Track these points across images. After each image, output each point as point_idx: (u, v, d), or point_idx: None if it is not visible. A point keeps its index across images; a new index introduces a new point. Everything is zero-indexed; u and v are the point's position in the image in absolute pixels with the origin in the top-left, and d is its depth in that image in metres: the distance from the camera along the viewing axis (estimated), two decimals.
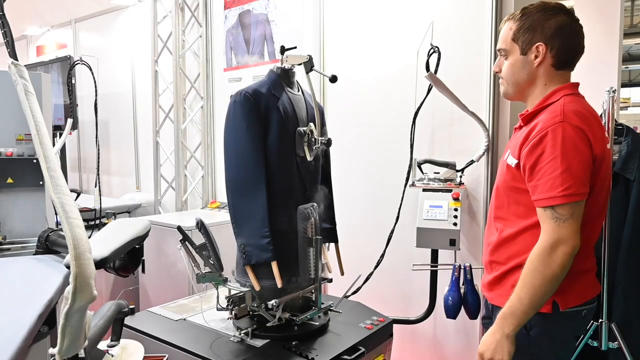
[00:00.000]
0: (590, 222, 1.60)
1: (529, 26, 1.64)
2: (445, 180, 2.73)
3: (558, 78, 1.66)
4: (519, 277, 1.56)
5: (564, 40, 1.62)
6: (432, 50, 2.54)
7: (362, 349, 2.05)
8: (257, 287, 1.96)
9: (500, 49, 1.74)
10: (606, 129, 2.00)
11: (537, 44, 1.63)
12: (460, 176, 2.73)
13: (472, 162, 2.69)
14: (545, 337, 1.63)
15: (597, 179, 1.57)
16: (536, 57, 1.64)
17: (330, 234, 2.37)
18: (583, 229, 1.54)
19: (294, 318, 2.05)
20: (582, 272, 1.63)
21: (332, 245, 2.39)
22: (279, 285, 1.90)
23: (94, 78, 3.73)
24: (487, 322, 1.80)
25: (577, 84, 1.69)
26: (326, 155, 2.34)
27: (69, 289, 1.00)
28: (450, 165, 2.73)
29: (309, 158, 2.08)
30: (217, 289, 2.14)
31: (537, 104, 1.67)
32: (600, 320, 2.02)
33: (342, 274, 2.32)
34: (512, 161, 1.64)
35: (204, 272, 2.08)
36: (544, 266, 1.49)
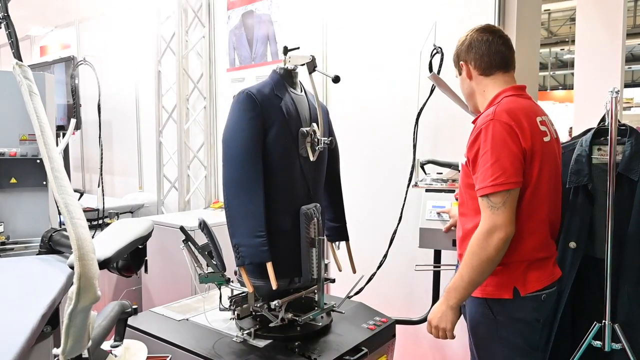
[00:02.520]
0: (536, 211, 1.77)
1: (455, 53, 1.98)
2: (448, 181, 2.73)
3: (492, 82, 1.90)
4: None
5: (476, 52, 1.89)
6: (435, 51, 2.54)
7: (365, 350, 2.05)
8: (250, 289, 1.96)
9: (455, 76, 2.04)
10: (609, 129, 2.00)
11: (460, 63, 1.95)
12: None
13: None
14: (510, 321, 1.80)
15: (531, 170, 1.73)
16: (465, 73, 1.94)
17: (340, 232, 2.37)
18: (529, 218, 1.75)
19: (297, 318, 2.05)
20: (539, 260, 1.81)
21: (343, 243, 2.39)
22: (274, 286, 1.89)
23: (97, 78, 3.73)
24: (477, 317, 1.91)
25: (521, 87, 1.92)
26: (335, 155, 2.34)
27: (73, 289, 1.01)
28: (453, 166, 2.72)
29: (311, 158, 2.07)
30: (219, 289, 2.14)
31: (484, 109, 1.88)
32: (603, 321, 2.02)
33: (354, 271, 2.33)
34: (463, 159, 1.85)
35: (206, 272, 2.08)
36: (481, 249, 1.68)
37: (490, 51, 1.89)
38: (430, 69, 2.51)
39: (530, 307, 1.80)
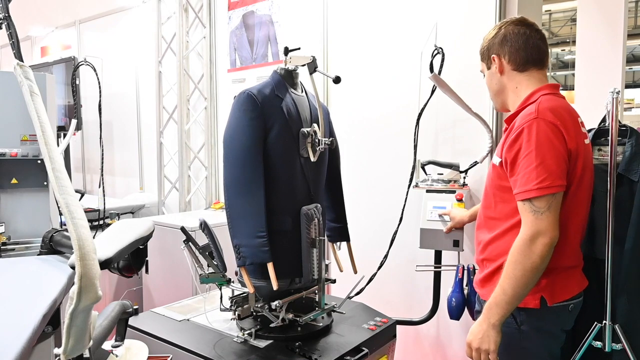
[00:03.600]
0: (572, 217, 1.69)
1: (486, 46, 1.88)
2: (449, 181, 2.73)
3: (526, 79, 1.81)
4: None
5: (511, 46, 1.80)
6: (436, 52, 2.54)
7: (366, 350, 2.05)
8: (251, 290, 1.96)
9: (480, 71, 1.97)
10: (610, 130, 2.00)
11: (492, 57, 1.85)
12: (464, 177, 2.73)
13: (475, 163, 2.69)
14: (535, 332, 1.72)
15: (575, 173, 1.65)
16: (497, 67, 1.84)
17: (341, 233, 2.38)
18: (565, 225, 1.63)
19: (298, 319, 2.05)
20: (567, 268, 1.73)
21: (344, 244, 2.39)
22: (275, 287, 1.89)
23: (98, 79, 3.74)
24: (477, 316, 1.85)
25: (556, 85, 1.80)
26: (336, 155, 2.34)
27: (74, 289, 1.01)
28: (453, 167, 2.73)
29: (312, 159, 2.08)
30: (220, 289, 2.15)
31: (518, 105, 1.78)
32: (604, 321, 2.02)
33: (355, 272, 2.33)
34: (497, 160, 1.75)
35: (207, 272, 2.08)
36: (524, 257, 1.57)
37: (527, 45, 1.79)
38: (431, 70, 2.51)
39: (557, 317, 1.73)
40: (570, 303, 1.75)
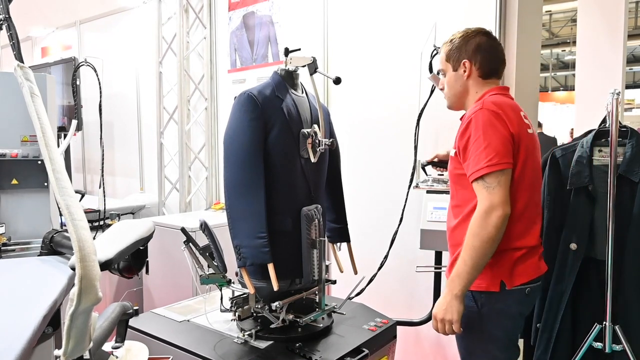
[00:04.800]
0: (519, 199, 1.81)
1: (456, 48, 1.98)
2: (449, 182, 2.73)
3: (487, 86, 1.96)
4: None
5: (484, 55, 1.94)
6: (435, 52, 2.54)
7: (366, 351, 2.05)
8: (251, 291, 1.96)
9: (439, 69, 2.08)
10: (610, 131, 2.00)
11: (463, 61, 1.96)
12: None
13: None
14: (494, 314, 1.83)
15: (518, 156, 1.79)
16: (464, 71, 1.96)
17: (342, 234, 2.37)
18: (513, 205, 1.76)
19: (298, 320, 2.05)
20: (524, 253, 1.83)
21: (344, 244, 2.39)
22: (275, 287, 1.89)
23: (98, 79, 3.73)
24: None
25: (505, 88, 1.99)
26: (336, 155, 2.34)
27: (74, 290, 1.01)
28: None
29: (313, 160, 2.08)
30: (220, 290, 2.15)
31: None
32: (604, 322, 2.02)
33: (356, 273, 2.33)
34: (452, 152, 1.92)
35: (207, 273, 2.08)
36: (481, 229, 1.70)
37: (497, 58, 1.98)
38: (431, 70, 2.51)
39: (515, 300, 1.83)
40: (527, 287, 1.84)
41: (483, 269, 1.75)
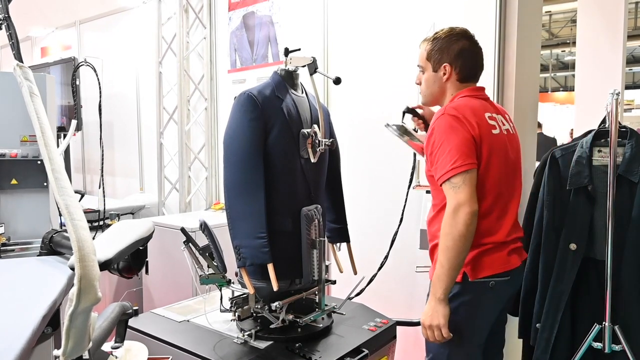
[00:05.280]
0: (486, 197, 1.86)
1: (438, 49, 2.00)
2: None
3: (462, 89, 2.00)
4: None
5: (465, 61, 1.98)
6: None
7: (366, 351, 2.05)
8: (251, 291, 1.96)
9: (419, 65, 2.10)
10: (610, 131, 2.00)
11: (444, 64, 1.99)
12: None
13: None
14: (460, 305, 1.86)
15: (481, 156, 1.84)
16: (444, 73, 2.00)
17: (341, 234, 2.37)
18: (480, 205, 1.80)
19: (298, 320, 2.05)
20: (490, 248, 1.87)
21: (344, 245, 2.39)
22: (275, 288, 1.90)
23: (98, 79, 3.73)
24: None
25: (477, 89, 2.03)
26: (336, 156, 2.34)
27: (74, 290, 1.01)
28: None
29: (312, 160, 2.08)
30: (220, 290, 2.15)
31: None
32: (603, 322, 2.02)
33: (355, 273, 2.33)
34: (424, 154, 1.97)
35: (207, 273, 2.08)
36: (451, 227, 1.75)
37: (477, 64, 2.03)
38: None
39: (477, 292, 1.87)
40: (491, 280, 1.87)
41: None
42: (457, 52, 1.97)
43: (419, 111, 2.38)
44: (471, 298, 1.86)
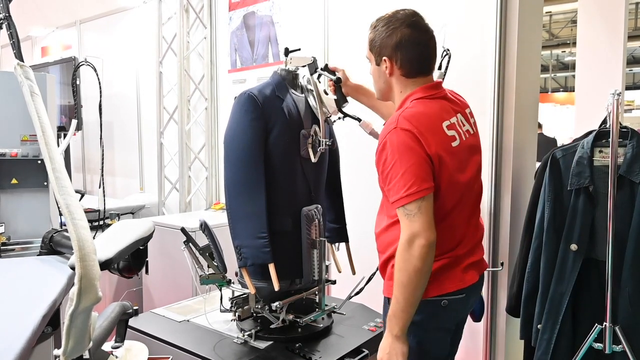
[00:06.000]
0: (443, 220, 1.69)
1: (378, 39, 1.79)
2: None
3: (412, 84, 1.79)
4: (392, 270, 1.69)
5: (405, 53, 1.75)
6: (444, 53, 2.52)
7: (366, 352, 2.05)
8: (252, 291, 1.96)
9: (366, 56, 1.89)
10: (611, 131, 2.00)
11: (383, 58, 1.78)
12: None
13: None
14: (414, 324, 1.68)
15: (441, 175, 1.66)
16: (386, 68, 1.79)
17: (340, 234, 2.37)
18: (441, 221, 1.66)
19: (298, 320, 2.05)
20: (445, 264, 1.73)
21: (342, 244, 2.39)
22: (276, 288, 1.89)
23: (98, 79, 3.73)
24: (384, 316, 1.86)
25: (434, 85, 1.81)
26: (335, 155, 2.34)
27: (74, 290, 1.01)
28: None
29: (313, 160, 2.08)
30: (220, 290, 2.14)
31: (396, 109, 1.81)
32: (604, 323, 2.02)
33: (354, 273, 2.32)
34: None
35: (207, 273, 2.08)
36: (406, 262, 1.59)
37: (421, 57, 1.78)
38: (439, 67, 2.50)
39: (429, 312, 1.72)
40: (444, 299, 1.73)
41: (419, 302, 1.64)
42: (395, 44, 1.75)
43: (338, 75, 2.18)
44: (422, 319, 1.71)
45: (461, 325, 2.00)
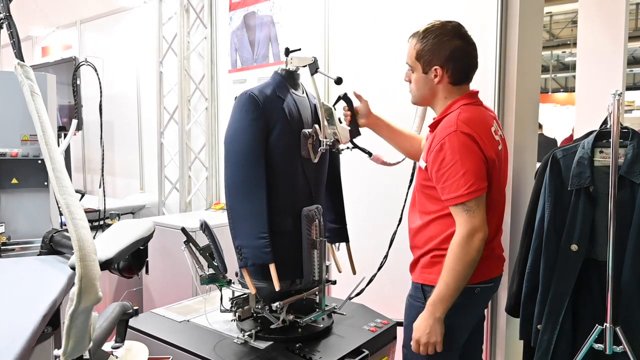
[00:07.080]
0: (491, 219, 1.86)
1: (428, 49, 1.90)
2: None
3: (456, 91, 1.94)
4: (431, 260, 1.91)
5: (457, 63, 1.89)
6: None
7: (366, 352, 2.05)
8: (252, 291, 1.95)
9: (408, 63, 2.01)
10: (611, 132, 2.00)
11: (435, 67, 1.90)
12: None
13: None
14: (452, 308, 1.82)
15: (492, 178, 1.85)
16: (435, 76, 1.91)
17: (341, 234, 2.37)
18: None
19: (298, 320, 2.05)
20: (482, 257, 1.84)
21: (343, 245, 2.39)
22: (277, 288, 1.89)
23: (99, 79, 3.73)
24: (411, 301, 2.03)
25: (474, 93, 1.97)
26: (336, 156, 2.33)
27: (74, 290, 1.01)
28: None
29: (313, 160, 2.07)
30: (220, 290, 2.14)
31: (440, 113, 1.95)
32: (605, 323, 2.02)
33: (354, 273, 2.32)
34: (422, 164, 1.93)
35: (207, 273, 2.08)
36: (465, 253, 1.75)
37: (471, 65, 1.95)
38: None
39: (462, 298, 1.83)
40: (477, 286, 1.91)
41: (431, 267, 1.89)
42: (449, 54, 1.88)
43: (356, 104, 2.27)
44: (456, 304, 1.83)
45: (482, 319, 2.19)
